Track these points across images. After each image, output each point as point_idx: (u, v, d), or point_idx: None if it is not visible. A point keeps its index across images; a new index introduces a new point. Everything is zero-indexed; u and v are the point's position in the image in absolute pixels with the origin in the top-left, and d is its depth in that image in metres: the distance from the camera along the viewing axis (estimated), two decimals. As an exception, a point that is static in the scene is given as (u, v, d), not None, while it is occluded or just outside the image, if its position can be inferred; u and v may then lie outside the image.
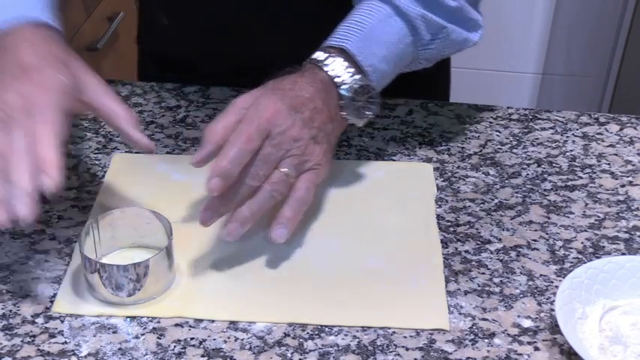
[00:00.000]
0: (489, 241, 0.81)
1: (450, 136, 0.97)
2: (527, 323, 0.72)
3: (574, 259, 0.79)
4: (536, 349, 0.70)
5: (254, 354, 0.69)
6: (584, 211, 0.86)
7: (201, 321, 0.72)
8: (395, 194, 0.86)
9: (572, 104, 2.39)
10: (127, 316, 0.72)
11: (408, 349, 0.69)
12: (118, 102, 0.76)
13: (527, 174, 0.91)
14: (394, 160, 0.92)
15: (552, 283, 0.76)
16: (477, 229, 0.82)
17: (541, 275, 0.77)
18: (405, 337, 0.71)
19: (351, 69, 0.81)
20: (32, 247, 0.79)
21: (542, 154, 0.94)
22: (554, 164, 0.93)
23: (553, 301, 0.73)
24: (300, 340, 0.70)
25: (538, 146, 0.96)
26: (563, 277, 0.74)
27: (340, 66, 0.80)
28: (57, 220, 0.82)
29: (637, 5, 2.20)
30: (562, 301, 0.70)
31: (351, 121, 0.83)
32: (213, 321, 0.72)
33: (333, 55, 0.81)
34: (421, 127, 0.98)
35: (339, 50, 0.81)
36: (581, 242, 0.81)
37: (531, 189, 0.88)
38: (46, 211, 0.83)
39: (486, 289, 0.76)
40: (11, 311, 0.72)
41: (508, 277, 0.77)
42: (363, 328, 0.71)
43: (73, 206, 0.84)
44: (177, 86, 1.04)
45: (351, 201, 0.86)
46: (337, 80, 0.80)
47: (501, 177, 0.90)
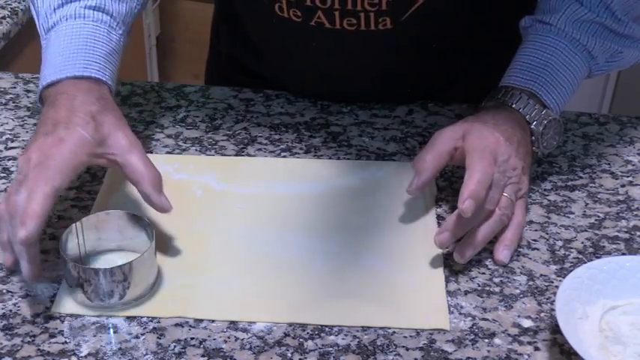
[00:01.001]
0: (489, 241, 0.80)
1: (450, 136, 0.96)
2: (527, 323, 0.72)
3: (574, 259, 0.79)
4: (537, 349, 0.70)
5: (254, 354, 0.69)
6: (585, 211, 0.85)
7: (201, 321, 0.72)
8: (395, 194, 0.86)
9: (572, 104, 2.38)
10: (127, 316, 0.72)
11: (408, 349, 0.69)
12: (143, 161, 0.75)
13: (528, 174, 0.91)
14: (394, 160, 0.92)
15: (552, 283, 0.76)
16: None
17: (541, 275, 0.77)
18: (405, 337, 0.70)
19: (538, 106, 0.85)
20: (32, 247, 0.79)
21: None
22: (554, 164, 0.92)
23: (553, 301, 0.73)
24: (300, 340, 0.70)
25: (538, 146, 0.95)
26: (564, 277, 0.74)
27: (530, 105, 0.85)
28: (57, 220, 0.82)
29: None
30: (562, 301, 0.70)
31: (538, 152, 0.86)
32: (213, 321, 0.72)
33: (521, 94, 0.85)
34: (421, 127, 0.98)
35: (528, 92, 0.85)
36: (582, 242, 0.81)
37: (531, 189, 0.88)
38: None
39: (486, 289, 0.76)
40: (11, 311, 0.72)
41: (508, 277, 0.77)
42: (363, 328, 0.71)
43: (73, 206, 0.84)
44: (177, 86, 1.04)
45: (351, 201, 0.86)
46: (528, 118, 0.84)
47: (501, 177, 0.90)
